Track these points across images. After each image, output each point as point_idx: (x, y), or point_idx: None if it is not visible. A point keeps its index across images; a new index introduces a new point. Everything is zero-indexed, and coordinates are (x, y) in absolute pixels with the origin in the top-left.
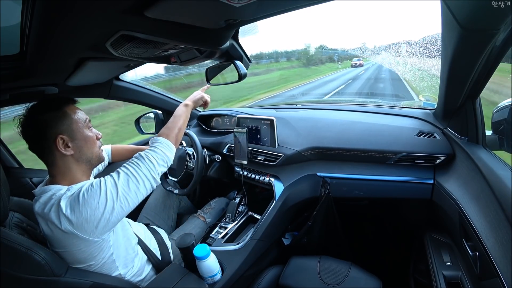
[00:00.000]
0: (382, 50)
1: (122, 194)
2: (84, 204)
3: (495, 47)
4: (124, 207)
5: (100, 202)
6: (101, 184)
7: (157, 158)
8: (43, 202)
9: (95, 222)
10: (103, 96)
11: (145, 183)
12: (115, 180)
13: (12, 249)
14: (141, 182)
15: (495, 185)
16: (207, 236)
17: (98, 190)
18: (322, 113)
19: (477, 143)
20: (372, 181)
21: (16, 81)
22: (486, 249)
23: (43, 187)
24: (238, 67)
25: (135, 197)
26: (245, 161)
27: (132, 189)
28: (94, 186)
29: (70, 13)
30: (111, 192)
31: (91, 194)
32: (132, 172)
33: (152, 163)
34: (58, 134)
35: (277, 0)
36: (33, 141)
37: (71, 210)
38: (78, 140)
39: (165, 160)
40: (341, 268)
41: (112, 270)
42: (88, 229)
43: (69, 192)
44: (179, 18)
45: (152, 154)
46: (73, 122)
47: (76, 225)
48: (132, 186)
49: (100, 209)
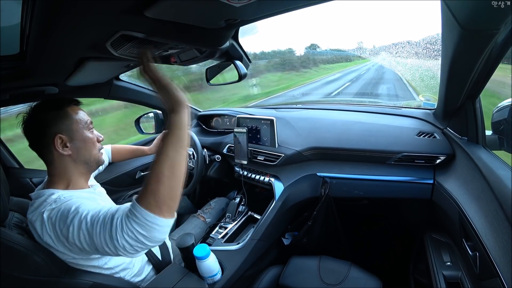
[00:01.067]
0: (382, 50)
1: (81, 238)
2: (54, 227)
3: (495, 47)
4: (87, 251)
5: (64, 231)
6: (70, 215)
7: (131, 234)
8: (35, 208)
9: (62, 242)
10: (103, 96)
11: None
12: (81, 220)
13: (12, 250)
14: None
15: (495, 185)
16: (207, 236)
17: (65, 219)
18: (322, 113)
19: (477, 143)
20: (372, 181)
21: (16, 81)
22: (486, 249)
23: (39, 191)
24: (238, 67)
25: (89, 242)
26: (245, 161)
27: (92, 243)
28: (65, 212)
29: (70, 13)
30: (73, 229)
31: (59, 220)
32: (104, 222)
33: (123, 236)
34: (57, 133)
35: (277, 0)
36: (33, 138)
37: (50, 225)
38: (77, 141)
39: (143, 244)
40: (341, 268)
41: (112, 270)
42: (59, 246)
43: (54, 204)
44: (179, 18)
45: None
46: (73, 123)
47: (55, 241)
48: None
49: (64, 238)
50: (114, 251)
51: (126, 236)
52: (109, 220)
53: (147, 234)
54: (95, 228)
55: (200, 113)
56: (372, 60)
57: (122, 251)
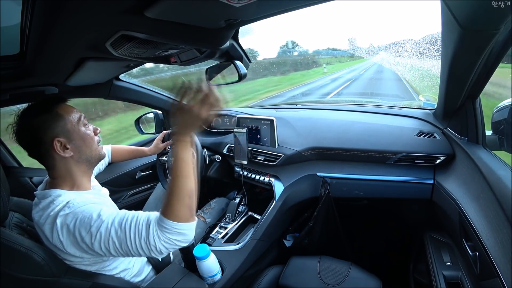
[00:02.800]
0: (381, 50)
1: (110, 243)
2: (74, 234)
3: (495, 47)
4: (111, 253)
5: (87, 240)
6: (94, 223)
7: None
8: (41, 208)
9: (81, 250)
10: (103, 96)
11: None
12: (110, 228)
13: (12, 249)
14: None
15: (495, 185)
16: (207, 236)
17: (88, 227)
18: (322, 113)
19: (477, 143)
20: (372, 181)
21: (16, 81)
22: (486, 249)
23: (44, 191)
24: (238, 67)
25: (118, 248)
26: (245, 161)
27: (123, 246)
28: (86, 220)
29: (70, 13)
30: (100, 237)
31: (79, 227)
32: (134, 227)
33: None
34: (54, 137)
35: (277, 0)
36: (30, 147)
37: (64, 232)
38: (75, 140)
39: (175, 243)
40: (341, 268)
41: (111, 271)
42: (74, 252)
43: (67, 209)
44: (179, 18)
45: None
46: (67, 122)
47: (65, 246)
48: (123, 244)
49: (85, 245)
50: (148, 253)
51: (163, 243)
52: (143, 228)
53: (180, 238)
54: (128, 235)
55: None
56: (371, 60)
57: (158, 253)
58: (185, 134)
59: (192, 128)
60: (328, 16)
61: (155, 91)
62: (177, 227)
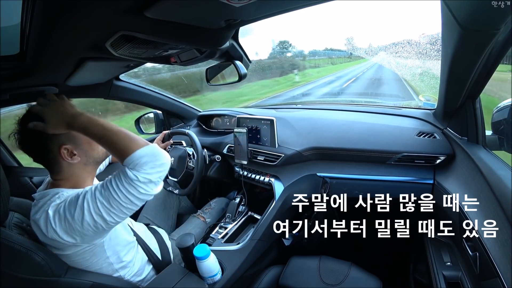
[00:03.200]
0: (381, 50)
1: (100, 206)
2: (65, 216)
3: (495, 47)
4: (105, 220)
5: (77, 214)
6: (80, 196)
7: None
8: (38, 207)
9: (76, 233)
10: (103, 96)
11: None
12: (94, 192)
13: (12, 250)
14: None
15: (495, 185)
16: (207, 236)
17: (75, 202)
18: (322, 113)
19: (477, 143)
20: (372, 181)
21: (16, 81)
22: (486, 249)
23: (42, 192)
24: (238, 67)
25: (119, 210)
26: (245, 161)
27: (112, 203)
28: (73, 199)
29: (70, 13)
30: (88, 205)
31: (69, 207)
32: (113, 186)
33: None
34: (61, 145)
35: (277, 0)
36: (36, 155)
37: (56, 220)
38: (82, 144)
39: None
40: (341, 268)
41: (111, 270)
42: (71, 239)
43: (58, 200)
44: (179, 18)
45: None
46: None
47: (60, 235)
48: (112, 200)
49: (77, 222)
50: (138, 194)
51: (143, 174)
52: (120, 175)
53: (152, 160)
54: (112, 188)
55: (200, 113)
56: (370, 60)
57: (148, 189)
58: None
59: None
60: (326, 15)
61: (155, 91)
62: (140, 153)
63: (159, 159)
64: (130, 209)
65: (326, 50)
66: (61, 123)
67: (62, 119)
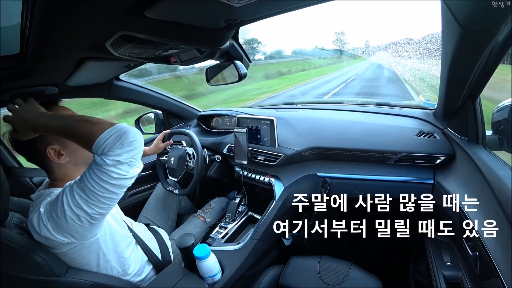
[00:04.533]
0: (381, 49)
1: (78, 199)
2: (51, 213)
3: (495, 47)
4: (87, 212)
5: (59, 210)
6: (60, 192)
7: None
8: (33, 207)
9: (64, 230)
10: (103, 96)
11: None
12: (72, 186)
13: (12, 250)
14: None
15: (495, 185)
16: (207, 236)
17: (57, 199)
18: (322, 113)
19: (477, 143)
20: (372, 181)
21: (16, 81)
22: (486, 249)
23: (39, 192)
24: (238, 67)
25: (97, 201)
26: (245, 161)
27: (88, 193)
28: (57, 196)
29: (70, 13)
30: (67, 199)
31: (53, 204)
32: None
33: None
34: (47, 145)
35: (277, 0)
36: (27, 156)
37: (46, 217)
38: (69, 144)
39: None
40: (341, 268)
41: (109, 268)
42: (62, 237)
43: (49, 198)
44: (179, 18)
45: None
46: None
47: (52, 232)
48: (87, 190)
49: (61, 218)
50: (112, 180)
51: (112, 156)
52: (91, 165)
53: (118, 139)
54: (85, 178)
55: (200, 113)
56: (370, 59)
57: (121, 168)
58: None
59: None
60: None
61: (155, 91)
62: (105, 136)
63: (127, 137)
64: (110, 198)
65: (316, 49)
66: (27, 129)
67: (27, 124)
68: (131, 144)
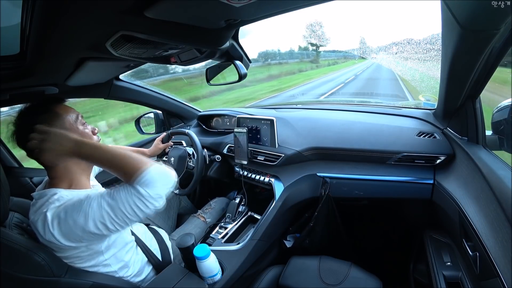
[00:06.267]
0: (381, 50)
1: (105, 215)
2: (66, 220)
3: (495, 47)
4: (108, 228)
5: (81, 220)
6: (84, 202)
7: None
8: (37, 207)
9: (75, 237)
10: (103, 96)
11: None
12: (100, 201)
13: (12, 250)
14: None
15: (495, 185)
16: (207, 236)
17: (79, 208)
18: (322, 113)
19: (477, 143)
20: (372, 181)
21: (16, 81)
22: (486, 249)
23: (41, 192)
24: (238, 67)
25: (122, 221)
26: (245, 161)
27: (118, 214)
28: (76, 203)
29: (70, 13)
30: (93, 212)
31: (71, 212)
32: (115, 198)
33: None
34: None
35: (277, 0)
36: (29, 150)
37: (55, 223)
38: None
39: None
40: (341, 268)
41: (110, 271)
42: (69, 243)
43: (57, 202)
44: (179, 18)
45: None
46: (66, 122)
47: (58, 238)
48: (117, 211)
49: (79, 228)
50: (144, 207)
51: (156, 190)
52: (129, 187)
53: (162, 177)
54: (119, 199)
55: (200, 114)
56: (369, 60)
57: (159, 201)
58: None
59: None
60: (324, 15)
61: (155, 91)
62: (150, 173)
63: (168, 176)
64: (133, 221)
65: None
66: (62, 155)
67: (63, 150)
68: (171, 182)
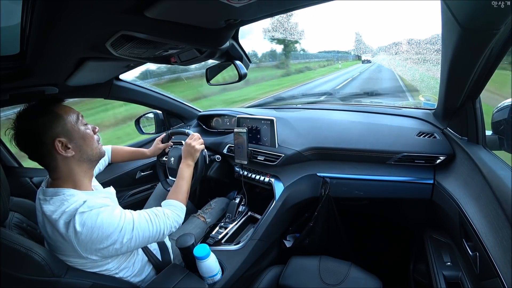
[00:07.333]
0: (382, 50)
1: (135, 234)
2: (101, 227)
3: (495, 47)
4: (131, 245)
5: (113, 233)
6: (121, 216)
7: (172, 218)
8: (54, 206)
9: (100, 246)
10: (103, 96)
11: (156, 234)
12: (134, 219)
13: (12, 250)
14: (154, 230)
15: (495, 185)
16: (207, 236)
17: (117, 221)
18: (322, 113)
19: (477, 143)
20: (372, 181)
21: (16, 81)
22: (486, 249)
23: (55, 189)
24: (238, 67)
25: (142, 241)
26: (245, 161)
27: (145, 234)
28: (113, 215)
29: (70, 13)
30: (125, 228)
31: (108, 222)
32: (150, 218)
33: (169, 220)
34: (55, 138)
35: (277, 0)
36: (31, 150)
37: (83, 227)
38: (76, 139)
39: (178, 222)
40: (341, 268)
41: (111, 272)
42: (89, 249)
43: (87, 208)
44: (179, 18)
45: (169, 213)
46: (67, 122)
47: (80, 242)
48: (146, 231)
49: (111, 238)
50: (161, 236)
51: (172, 220)
52: (159, 210)
53: (181, 216)
54: (149, 226)
55: (200, 113)
56: (368, 61)
57: (167, 232)
58: (188, 159)
59: (192, 156)
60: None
61: (155, 91)
62: (181, 206)
63: (183, 214)
64: (152, 242)
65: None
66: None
67: (193, 157)
68: (181, 219)
